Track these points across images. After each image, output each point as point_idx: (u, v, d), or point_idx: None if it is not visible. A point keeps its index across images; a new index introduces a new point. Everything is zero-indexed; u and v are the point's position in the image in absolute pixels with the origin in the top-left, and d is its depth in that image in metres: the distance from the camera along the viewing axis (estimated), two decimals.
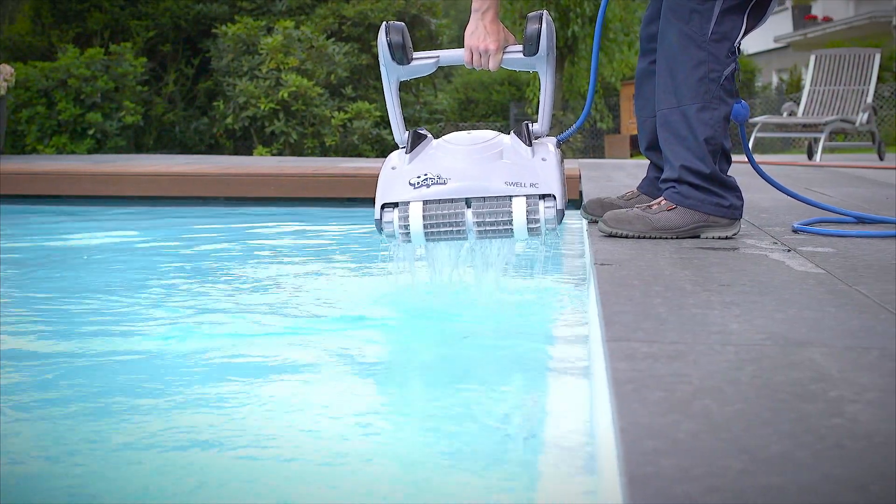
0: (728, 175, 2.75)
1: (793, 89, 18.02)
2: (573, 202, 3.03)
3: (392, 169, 2.60)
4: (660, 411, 1.15)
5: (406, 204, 2.53)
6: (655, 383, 1.27)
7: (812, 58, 10.04)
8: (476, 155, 2.56)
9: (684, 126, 2.69)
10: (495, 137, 2.61)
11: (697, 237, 2.73)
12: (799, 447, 1.03)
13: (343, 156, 12.02)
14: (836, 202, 3.79)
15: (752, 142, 9.28)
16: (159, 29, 13.47)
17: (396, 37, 2.60)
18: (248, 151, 12.40)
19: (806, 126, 9.32)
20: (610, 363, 1.37)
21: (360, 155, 12.19)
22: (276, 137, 12.13)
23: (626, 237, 2.71)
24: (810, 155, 9.17)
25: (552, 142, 2.63)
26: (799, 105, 9.85)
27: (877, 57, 9.64)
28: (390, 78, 2.67)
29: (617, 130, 18.36)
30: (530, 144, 2.57)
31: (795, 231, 2.88)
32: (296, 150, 12.14)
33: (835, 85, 9.66)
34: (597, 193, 3.69)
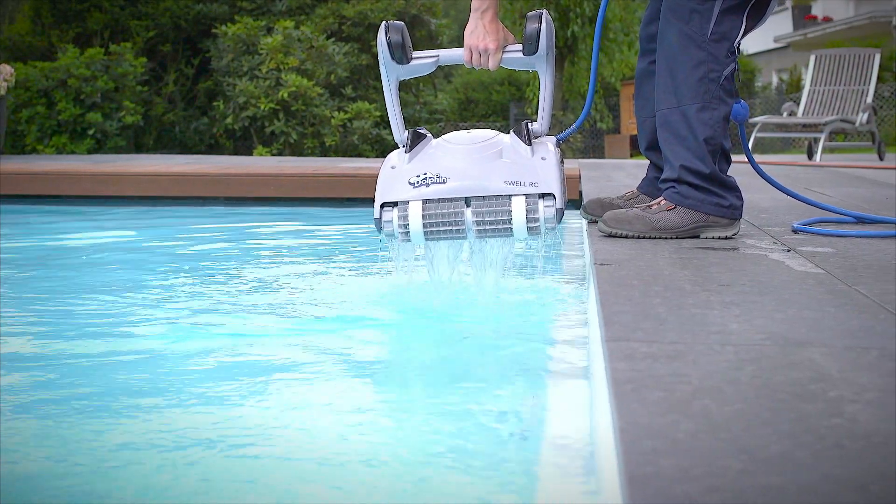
0: (728, 175, 2.75)
1: (793, 89, 18.02)
2: (573, 202, 3.03)
3: (391, 168, 2.59)
4: (659, 411, 1.15)
5: (405, 203, 2.53)
6: (655, 383, 1.27)
7: (812, 58, 10.04)
8: (475, 154, 2.56)
9: (684, 126, 2.69)
10: (495, 137, 2.61)
11: (697, 237, 2.73)
12: (798, 447, 1.03)
13: (343, 156, 12.03)
14: (836, 202, 3.79)
15: (752, 142, 9.28)
16: (159, 29, 13.47)
17: (396, 36, 2.60)
18: (248, 151, 12.40)
19: (806, 126, 9.33)
20: (609, 363, 1.37)
21: (360, 155, 12.19)
22: (276, 137, 12.13)
23: (626, 237, 2.71)
24: (810, 155, 9.17)
25: (552, 141, 2.63)
26: (799, 105, 9.85)
27: (877, 57, 9.64)
28: (390, 77, 2.67)
29: (617, 130, 18.36)
30: (530, 143, 2.57)
31: (795, 231, 2.88)
32: (296, 150, 12.14)
33: (835, 85, 9.66)
34: (596, 193, 3.69)
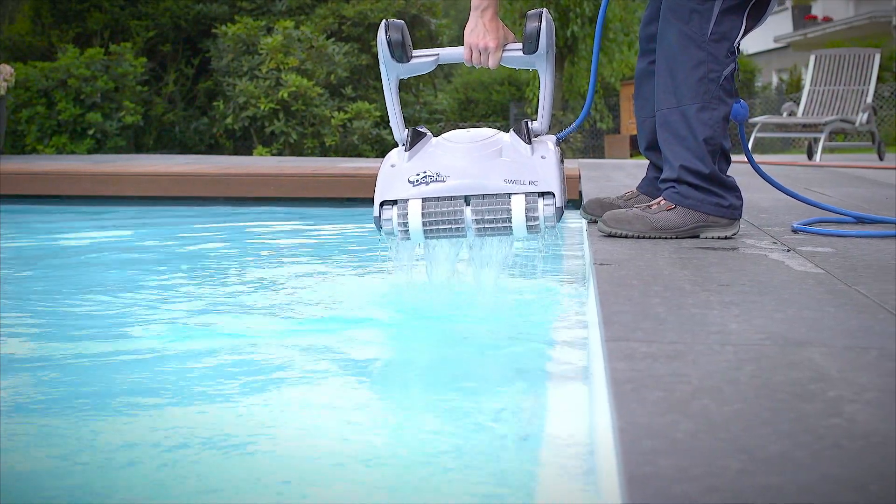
0: (728, 175, 2.75)
1: (793, 89, 18.02)
2: (573, 202, 3.03)
3: (391, 167, 2.59)
4: (659, 411, 1.15)
5: (405, 201, 2.53)
6: (654, 383, 1.27)
7: (812, 58, 10.04)
8: (475, 153, 2.55)
9: (684, 126, 2.69)
10: (494, 135, 2.61)
11: (697, 237, 2.73)
12: (798, 447, 1.03)
13: (343, 156, 12.03)
14: (836, 202, 3.79)
15: (752, 142, 9.28)
16: (159, 29, 13.47)
17: (396, 35, 2.60)
18: (248, 151, 12.40)
19: (806, 126, 9.33)
20: (609, 363, 1.37)
21: (360, 155, 12.19)
22: (276, 137, 12.13)
23: (626, 237, 2.71)
24: (810, 155, 9.17)
25: (551, 140, 2.63)
26: (799, 105, 9.85)
27: (877, 57, 9.64)
28: (390, 76, 2.67)
29: (617, 130, 18.36)
30: (529, 142, 2.57)
31: (795, 231, 2.88)
32: (296, 150, 12.14)
33: (835, 85, 9.66)
34: (596, 193, 3.69)
